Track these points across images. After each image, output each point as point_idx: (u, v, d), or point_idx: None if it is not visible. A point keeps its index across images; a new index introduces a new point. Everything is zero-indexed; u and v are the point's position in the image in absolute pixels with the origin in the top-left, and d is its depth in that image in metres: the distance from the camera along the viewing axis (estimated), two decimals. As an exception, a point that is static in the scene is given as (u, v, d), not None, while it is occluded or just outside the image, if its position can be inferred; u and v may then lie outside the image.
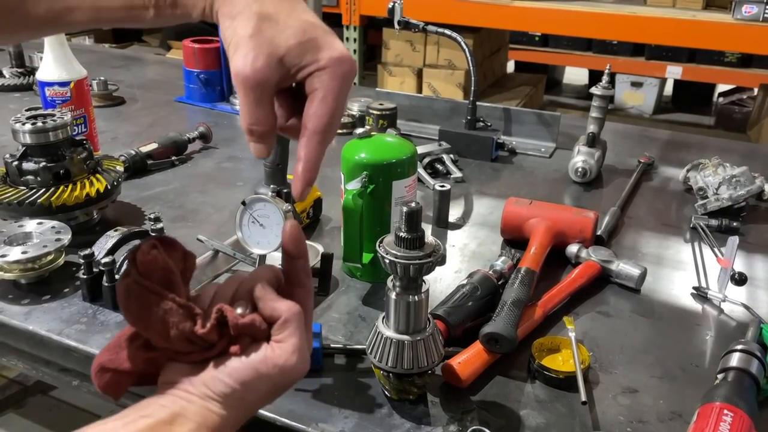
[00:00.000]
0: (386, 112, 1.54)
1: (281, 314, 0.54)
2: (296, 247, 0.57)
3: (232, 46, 0.53)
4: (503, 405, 0.78)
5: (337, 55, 0.53)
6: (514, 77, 4.28)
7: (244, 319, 0.53)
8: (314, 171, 0.56)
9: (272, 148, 0.57)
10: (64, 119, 1.08)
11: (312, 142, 0.54)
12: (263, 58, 0.51)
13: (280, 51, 0.52)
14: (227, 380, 0.52)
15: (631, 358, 0.87)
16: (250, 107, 0.53)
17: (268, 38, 0.52)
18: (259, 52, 0.51)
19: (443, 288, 0.99)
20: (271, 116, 0.55)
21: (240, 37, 0.52)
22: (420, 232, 0.70)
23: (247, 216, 0.76)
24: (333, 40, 0.54)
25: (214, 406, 0.52)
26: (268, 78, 0.52)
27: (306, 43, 0.53)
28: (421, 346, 0.73)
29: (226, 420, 0.53)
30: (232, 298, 0.56)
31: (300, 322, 0.54)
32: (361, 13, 3.42)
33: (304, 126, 0.54)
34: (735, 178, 1.24)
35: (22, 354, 0.96)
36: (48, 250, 0.95)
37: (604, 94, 1.37)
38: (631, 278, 1.01)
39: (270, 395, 0.55)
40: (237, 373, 0.53)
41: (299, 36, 0.52)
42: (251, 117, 0.53)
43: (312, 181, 0.56)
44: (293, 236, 0.57)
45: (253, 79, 0.52)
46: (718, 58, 4.04)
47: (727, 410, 0.68)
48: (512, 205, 1.13)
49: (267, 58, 0.52)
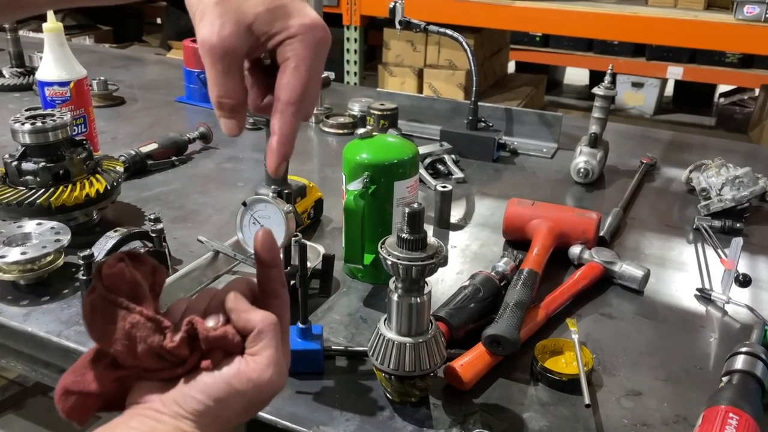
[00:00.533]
0: (387, 112, 1.54)
1: (255, 325, 0.51)
2: (269, 254, 0.55)
3: (198, 14, 0.50)
4: (506, 408, 0.77)
5: (308, 21, 0.51)
6: (514, 78, 4.27)
7: (216, 331, 0.51)
8: (289, 145, 0.53)
9: (243, 125, 0.54)
10: (63, 119, 1.08)
11: (286, 115, 0.51)
12: (230, 26, 0.49)
13: (248, 18, 0.50)
14: (199, 397, 0.49)
15: (634, 360, 0.86)
16: (218, 78, 0.51)
17: (235, 5, 0.50)
18: (226, 20, 0.49)
19: (445, 289, 0.99)
20: (241, 88, 0.52)
21: (206, 4, 0.50)
22: (422, 233, 0.69)
23: (247, 217, 0.75)
24: (303, 6, 0.52)
25: (186, 425, 0.49)
26: (235, 47, 0.50)
27: (275, 9, 0.50)
28: (423, 348, 0.73)
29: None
30: (205, 312, 0.53)
31: (275, 333, 0.51)
32: (361, 13, 3.42)
33: (277, 98, 0.52)
34: (738, 179, 1.23)
35: (21, 355, 0.95)
36: (47, 251, 0.94)
37: (607, 95, 1.37)
38: (634, 280, 1.00)
39: (246, 411, 0.51)
40: (209, 389, 0.50)
41: (267, 2, 0.50)
42: (220, 89, 0.51)
43: (287, 156, 0.53)
44: (265, 244, 0.54)
45: (220, 47, 0.49)
46: (719, 58, 4.03)
47: (732, 413, 0.68)
48: (514, 205, 1.12)
49: (234, 26, 0.49)
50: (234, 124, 0.53)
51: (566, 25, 3.18)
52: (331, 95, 1.86)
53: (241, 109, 0.53)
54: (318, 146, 1.63)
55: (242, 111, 0.53)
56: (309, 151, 1.60)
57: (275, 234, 0.74)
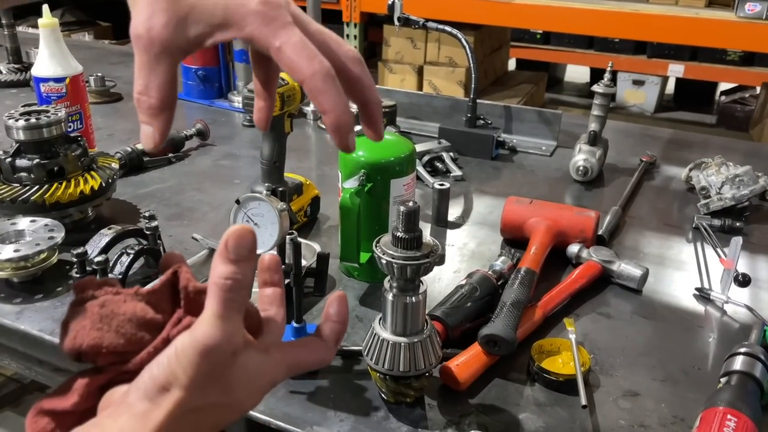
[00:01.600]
0: (385, 109, 1.53)
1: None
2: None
3: (130, 2, 0.46)
4: (502, 408, 0.76)
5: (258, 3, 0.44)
6: (515, 75, 4.26)
7: (198, 284, 0.47)
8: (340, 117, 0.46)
9: (163, 134, 0.47)
10: (58, 116, 1.07)
11: (316, 93, 0.45)
12: (161, 16, 0.44)
13: (183, 8, 0.44)
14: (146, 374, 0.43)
15: (632, 360, 0.85)
16: (140, 71, 0.46)
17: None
18: (157, 8, 0.44)
19: (442, 288, 0.98)
20: (166, 87, 0.46)
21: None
22: (418, 231, 0.68)
23: (241, 215, 0.74)
24: None
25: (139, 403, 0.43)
26: (163, 39, 0.45)
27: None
28: (418, 348, 0.72)
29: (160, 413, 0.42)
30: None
31: (228, 290, 0.43)
32: (361, 10, 3.41)
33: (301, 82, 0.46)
34: (738, 178, 1.22)
35: (16, 353, 0.95)
36: (41, 249, 0.94)
37: (606, 92, 1.36)
38: (633, 279, 1.00)
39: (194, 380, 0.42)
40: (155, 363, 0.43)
41: None
42: (139, 84, 0.46)
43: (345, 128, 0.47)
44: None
45: (146, 38, 0.45)
46: (720, 56, 4.02)
47: (730, 415, 0.67)
48: (512, 204, 1.11)
49: (165, 16, 0.44)
50: (150, 133, 0.47)
51: (567, 22, 3.17)
52: (330, 92, 1.85)
53: (161, 114, 0.47)
54: (315, 143, 1.62)
55: (163, 116, 0.47)
56: (306, 148, 1.59)
57: (268, 233, 0.74)
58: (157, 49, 0.45)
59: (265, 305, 0.52)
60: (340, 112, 0.46)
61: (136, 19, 0.45)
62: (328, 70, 0.45)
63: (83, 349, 0.45)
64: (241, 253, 0.43)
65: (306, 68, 0.44)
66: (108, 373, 0.47)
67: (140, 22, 0.45)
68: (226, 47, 1.78)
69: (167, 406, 0.42)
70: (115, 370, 0.46)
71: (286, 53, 0.44)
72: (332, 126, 0.47)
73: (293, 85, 1.03)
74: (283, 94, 1.01)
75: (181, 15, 0.45)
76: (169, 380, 0.42)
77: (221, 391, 0.44)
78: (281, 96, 1.01)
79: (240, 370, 0.45)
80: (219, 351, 0.43)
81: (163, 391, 0.42)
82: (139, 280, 0.95)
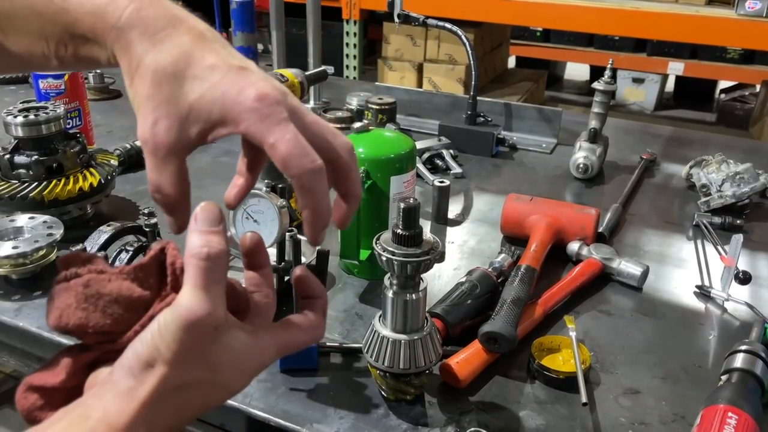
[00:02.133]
0: (385, 106, 1.53)
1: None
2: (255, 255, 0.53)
3: (135, 107, 0.48)
4: (502, 406, 0.76)
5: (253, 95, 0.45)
6: (515, 73, 4.26)
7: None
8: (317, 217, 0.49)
9: (185, 222, 0.50)
10: (56, 112, 1.07)
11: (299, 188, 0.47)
12: (164, 121, 0.46)
13: (182, 109, 0.46)
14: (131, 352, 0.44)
15: (632, 358, 0.85)
16: (151, 172, 0.48)
17: (167, 95, 0.46)
18: (160, 114, 0.46)
19: (442, 285, 0.98)
20: (177, 184, 0.48)
21: (140, 97, 0.47)
22: (418, 228, 0.68)
23: (240, 212, 0.74)
24: (244, 78, 0.46)
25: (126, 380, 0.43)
26: (168, 143, 0.46)
27: (213, 92, 0.45)
28: (418, 345, 0.72)
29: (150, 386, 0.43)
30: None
31: (204, 258, 0.44)
32: (361, 7, 3.40)
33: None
34: (739, 175, 1.22)
35: (15, 350, 0.94)
36: (39, 245, 0.93)
37: (607, 90, 1.36)
38: (633, 276, 0.99)
39: (178, 354, 0.43)
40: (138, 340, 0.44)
41: (205, 86, 0.45)
42: (152, 184, 0.48)
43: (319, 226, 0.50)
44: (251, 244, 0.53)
45: (152, 143, 0.46)
46: (720, 54, 4.01)
47: (731, 413, 0.67)
48: (512, 201, 1.11)
49: (167, 120, 0.46)
50: (172, 222, 0.50)
51: (567, 19, 3.17)
52: (329, 89, 1.85)
53: (177, 207, 0.49)
54: (315, 141, 1.62)
55: (179, 209, 0.50)
56: (306, 145, 1.58)
57: (268, 230, 0.74)
58: (163, 152, 0.47)
59: (252, 287, 0.52)
60: (320, 211, 0.48)
61: (141, 125, 0.47)
62: (319, 168, 0.47)
63: (69, 328, 0.45)
64: (211, 223, 0.45)
65: (297, 167, 0.46)
66: (95, 352, 0.47)
67: (146, 129, 0.47)
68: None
69: (152, 382, 0.42)
70: (101, 348, 0.47)
71: (279, 150, 0.45)
72: (310, 223, 0.49)
73: (293, 81, 1.03)
74: (283, 91, 1.01)
75: (182, 116, 0.46)
76: (152, 356, 0.43)
77: (206, 368, 0.45)
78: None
79: (225, 348, 0.45)
80: (201, 324, 0.43)
81: (148, 367, 0.43)
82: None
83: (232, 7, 1.68)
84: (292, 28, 2.15)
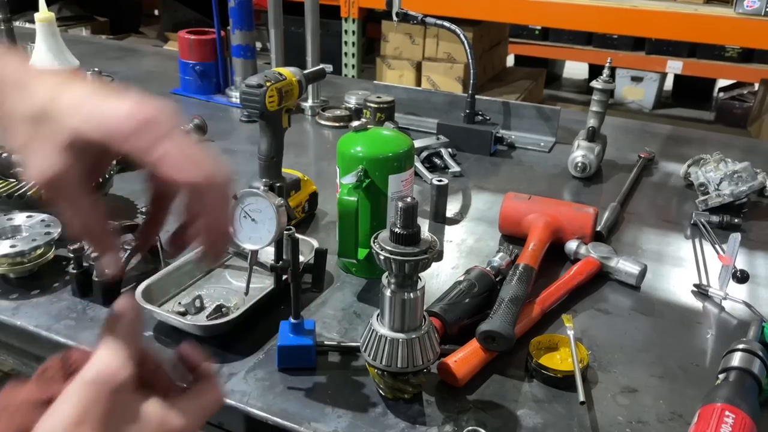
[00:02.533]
0: (384, 105, 1.52)
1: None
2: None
3: (18, 148, 0.46)
4: (500, 404, 0.76)
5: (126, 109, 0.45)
6: (513, 71, 4.25)
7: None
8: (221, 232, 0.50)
9: (115, 253, 0.49)
10: (54, 110, 1.06)
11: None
12: (49, 155, 0.44)
13: (63, 136, 0.44)
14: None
15: (630, 357, 0.85)
16: (63, 214, 0.46)
17: (42, 134, 0.44)
18: (40, 152, 0.44)
19: (440, 284, 0.98)
20: (92, 216, 0.47)
21: (19, 145, 0.46)
22: (416, 227, 0.68)
23: (238, 211, 0.74)
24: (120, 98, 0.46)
25: None
26: (60, 176, 0.44)
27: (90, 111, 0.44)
28: (416, 344, 0.72)
29: None
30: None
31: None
32: (359, 6, 3.39)
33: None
34: (737, 174, 1.22)
35: (12, 349, 0.94)
36: (37, 244, 0.93)
37: (605, 88, 1.36)
38: (631, 275, 0.99)
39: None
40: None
41: (83, 108, 0.45)
42: (69, 225, 0.46)
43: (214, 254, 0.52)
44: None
45: (44, 184, 0.44)
46: (719, 52, 4.01)
47: (728, 411, 0.67)
48: (511, 200, 1.11)
49: (51, 152, 0.44)
50: (108, 261, 0.48)
51: (566, 18, 3.16)
52: (328, 88, 1.85)
53: (103, 238, 0.48)
54: (314, 139, 1.62)
55: (105, 243, 0.48)
56: (304, 143, 1.58)
57: (266, 229, 0.73)
58: (60, 187, 0.45)
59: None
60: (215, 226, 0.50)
61: (30, 169, 0.45)
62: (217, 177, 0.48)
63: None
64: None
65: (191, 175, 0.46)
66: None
67: (35, 171, 0.45)
68: (223, 42, 1.77)
69: None
70: None
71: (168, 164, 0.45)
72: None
73: (291, 80, 1.03)
74: (281, 89, 1.01)
75: (63, 145, 0.44)
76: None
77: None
78: (279, 91, 1.00)
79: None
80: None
81: None
82: (135, 276, 0.95)
83: (231, 5, 1.67)
84: (291, 27, 2.15)
